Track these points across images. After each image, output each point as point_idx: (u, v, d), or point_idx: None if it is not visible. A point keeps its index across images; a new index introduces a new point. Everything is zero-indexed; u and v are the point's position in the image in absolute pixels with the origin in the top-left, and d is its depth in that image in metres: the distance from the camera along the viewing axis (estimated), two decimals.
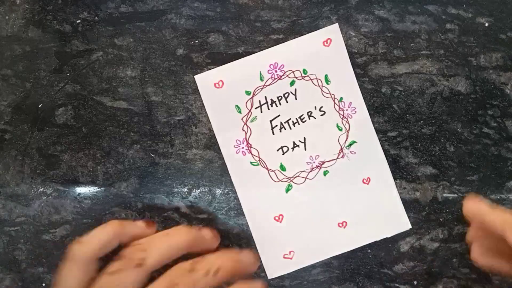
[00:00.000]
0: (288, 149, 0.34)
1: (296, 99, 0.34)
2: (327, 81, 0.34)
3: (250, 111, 0.34)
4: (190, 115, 0.34)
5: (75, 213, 0.34)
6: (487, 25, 0.35)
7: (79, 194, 0.35)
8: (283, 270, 0.34)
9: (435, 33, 0.35)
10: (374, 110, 0.34)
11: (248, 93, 0.34)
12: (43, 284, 0.35)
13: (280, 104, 0.34)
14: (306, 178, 0.34)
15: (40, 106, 0.35)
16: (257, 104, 0.34)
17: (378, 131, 0.34)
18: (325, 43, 0.33)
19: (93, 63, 0.34)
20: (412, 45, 0.35)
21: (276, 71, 0.34)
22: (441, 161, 0.35)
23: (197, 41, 0.34)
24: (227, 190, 0.35)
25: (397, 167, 0.35)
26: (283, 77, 0.34)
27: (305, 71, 0.34)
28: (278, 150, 0.34)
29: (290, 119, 0.34)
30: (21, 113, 0.35)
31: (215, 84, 0.34)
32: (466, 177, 0.35)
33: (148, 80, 0.34)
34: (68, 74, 0.35)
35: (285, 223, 0.34)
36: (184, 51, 0.34)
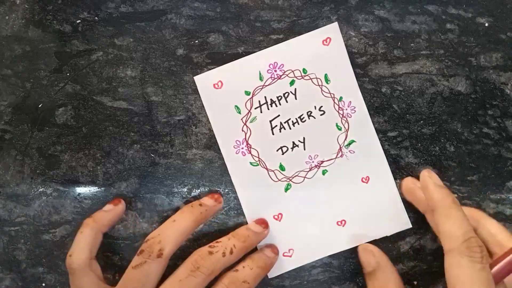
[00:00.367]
0: (287, 149, 0.34)
1: (296, 98, 0.34)
2: (327, 80, 0.34)
3: (249, 111, 0.34)
4: (190, 115, 0.34)
5: (75, 213, 0.34)
6: (487, 25, 0.35)
7: (79, 194, 0.34)
8: (283, 268, 0.34)
9: (435, 33, 0.35)
10: (374, 110, 0.34)
11: (247, 93, 0.34)
12: (43, 284, 0.35)
13: (279, 104, 0.34)
14: (305, 177, 0.34)
15: (40, 106, 0.35)
16: (256, 104, 0.34)
17: (378, 131, 0.34)
18: (325, 42, 0.33)
19: (93, 63, 0.34)
20: (412, 45, 0.35)
21: (275, 71, 0.33)
22: (441, 161, 0.35)
23: (197, 41, 0.34)
24: (227, 190, 0.35)
25: (397, 167, 0.35)
26: (282, 77, 0.34)
27: (304, 71, 0.33)
28: (277, 150, 0.34)
29: (289, 119, 0.34)
30: (21, 113, 0.35)
31: (214, 84, 0.34)
32: (466, 177, 0.35)
33: (148, 80, 0.34)
34: (68, 74, 0.35)
35: (284, 222, 0.34)
36: (184, 51, 0.34)
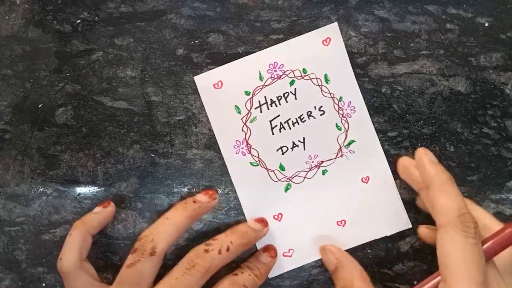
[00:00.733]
0: (287, 149, 0.34)
1: (295, 98, 0.34)
2: (327, 80, 0.34)
3: (249, 111, 0.34)
4: (190, 115, 0.34)
5: (75, 213, 0.34)
6: (487, 25, 0.35)
7: (79, 194, 0.34)
8: (283, 268, 0.34)
9: (435, 33, 0.35)
10: (374, 110, 0.34)
11: (247, 93, 0.34)
12: (43, 284, 0.35)
13: (279, 104, 0.34)
14: (305, 177, 0.34)
15: (40, 106, 0.35)
16: (256, 104, 0.34)
17: (378, 131, 0.34)
18: (324, 42, 0.33)
19: (93, 63, 0.34)
20: (412, 45, 0.35)
21: (275, 71, 0.33)
22: (441, 161, 0.35)
23: (197, 41, 0.34)
24: (227, 190, 0.35)
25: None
26: (282, 77, 0.34)
27: (304, 71, 0.33)
28: (277, 150, 0.34)
29: (289, 119, 0.34)
30: (21, 113, 0.35)
31: (214, 85, 0.34)
32: (466, 177, 0.35)
33: (148, 80, 0.34)
34: (68, 74, 0.35)
35: (285, 222, 0.34)
36: (184, 51, 0.34)
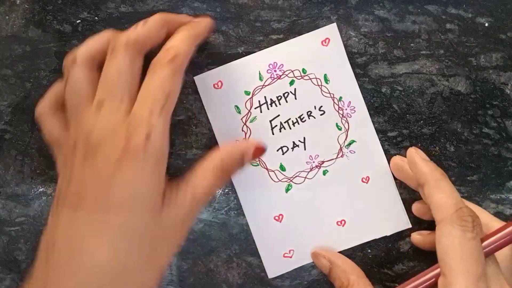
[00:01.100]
0: (288, 149, 0.34)
1: (295, 98, 0.34)
2: (326, 80, 0.34)
3: (249, 111, 0.34)
4: (190, 115, 0.34)
5: None
6: (487, 25, 0.35)
7: None
8: (283, 269, 0.34)
9: (435, 33, 0.35)
10: (374, 110, 0.34)
11: (247, 93, 0.34)
12: None
13: (279, 104, 0.34)
14: (305, 178, 0.34)
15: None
16: (256, 104, 0.34)
17: (378, 131, 0.34)
18: (324, 42, 0.33)
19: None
20: (412, 45, 0.35)
21: (275, 71, 0.33)
22: (441, 161, 0.35)
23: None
24: (227, 190, 0.34)
25: None
26: (282, 77, 0.34)
27: (304, 71, 0.33)
28: (278, 150, 0.34)
29: (289, 119, 0.34)
30: (21, 113, 0.35)
31: (214, 85, 0.34)
32: (466, 177, 0.35)
33: None
34: None
35: (285, 223, 0.34)
36: None
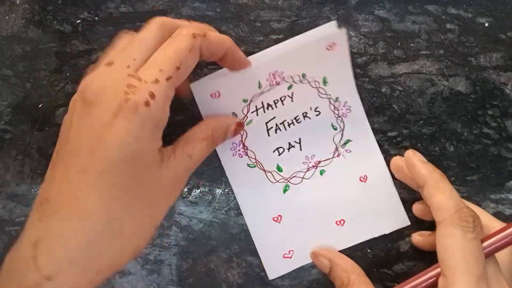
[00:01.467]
0: (284, 150, 0.34)
1: (292, 101, 0.33)
2: (325, 82, 0.33)
3: (246, 115, 0.34)
4: (190, 115, 0.34)
5: None
6: (487, 25, 0.35)
7: None
8: (283, 269, 0.34)
9: (435, 33, 0.35)
10: (374, 110, 0.34)
11: (245, 101, 0.33)
12: None
13: (276, 107, 0.33)
14: (302, 178, 0.34)
15: (40, 106, 0.35)
16: (253, 109, 0.33)
17: (378, 131, 0.34)
18: (329, 47, 0.32)
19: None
20: (412, 45, 0.35)
21: (274, 78, 0.33)
22: (441, 161, 0.35)
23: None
24: (227, 190, 0.35)
25: None
26: (281, 83, 0.33)
27: (304, 75, 0.33)
28: (274, 151, 0.34)
29: (285, 120, 0.34)
30: (21, 113, 0.35)
31: (211, 94, 0.33)
32: (466, 177, 0.35)
33: None
34: (68, 74, 0.35)
35: (284, 223, 0.34)
36: None
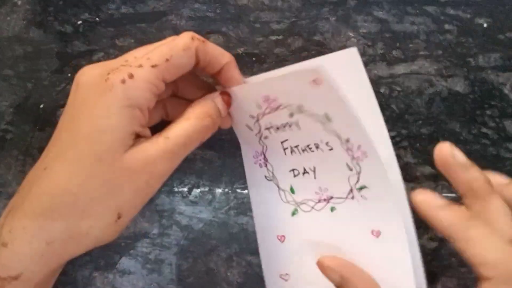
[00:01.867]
0: (299, 173, 0.32)
1: (299, 129, 0.30)
2: (328, 118, 0.29)
3: (260, 131, 0.32)
4: None
5: None
6: (485, 25, 0.35)
7: None
8: None
9: (434, 33, 0.35)
10: None
11: (252, 117, 0.31)
12: None
13: (285, 130, 0.31)
14: (312, 208, 0.33)
15: (41, 106, 0.35)
16: (265, 126, 0.31)
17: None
18: (313, 82, 0.27)
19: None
20: (410, 45, 0.35)
21: (269, 103, 0.30)
22: None
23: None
24: (227, 190, 0.35)
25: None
26: (281, 108, 0.30)
27: (301, 107, 0.29)
28: (290, 171, 0.33)
29: (298, 145, 0.32)
30: (22, 114, 0.35)
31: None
32: None
33: None
34: (69, 74, 0.35)
35: (286, 245, 0.33)
36: None
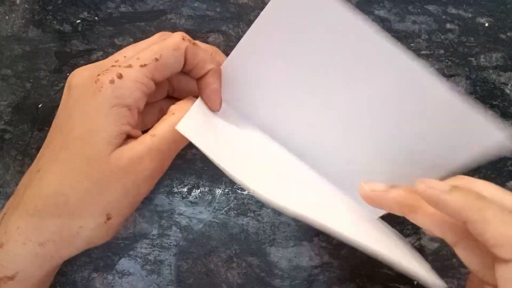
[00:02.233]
0: None
1: None
2: None
3: None
4: None
5: None
6: (487, 25, 0.35)
7: None
8: None
9: (435, 33, 0.35)
10: None
11: None
12: None
13: None
14: None
15: (40, 106, 0.35)
16: None
17: None
18: None
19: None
20: (412, 45, 0.35)
21: None
22: None
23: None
24: (227, 190, 0.35)
25: None
26: None
27: None
28: None
29: None
30: (21, 113, 0.35)
31: None
32: None
33: None
34: (68, 74, 0.35)
35: None
36: None
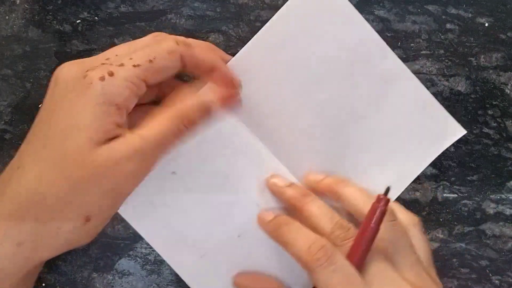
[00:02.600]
0: None
1: None
2: None
3: None
4: None
5: None
6: (487, 25, 0.35)
7: None
8: None
9: (435, 33, 0.35)
10: None
11: None
12: (43, 284, 0.35)
13: None
14: None
15: (40, 106, 0.35)
16: None
17: None
18: None
19: None
20: (412, 45, 0.35)
21: None
22: (441, 161, 0.35)
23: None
24: None
25: None
26: None
27: None
28: None
29: None
30: (21, 113, 0.35)
31: None
32: (466, 177, 0.35)
33: None
34: None
35: None
36: None
